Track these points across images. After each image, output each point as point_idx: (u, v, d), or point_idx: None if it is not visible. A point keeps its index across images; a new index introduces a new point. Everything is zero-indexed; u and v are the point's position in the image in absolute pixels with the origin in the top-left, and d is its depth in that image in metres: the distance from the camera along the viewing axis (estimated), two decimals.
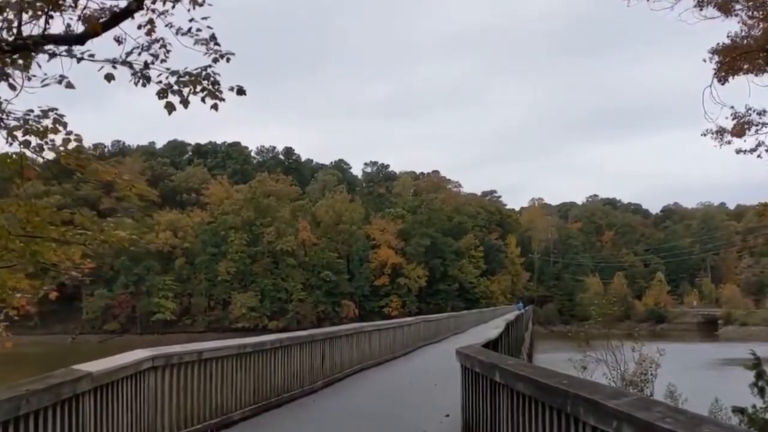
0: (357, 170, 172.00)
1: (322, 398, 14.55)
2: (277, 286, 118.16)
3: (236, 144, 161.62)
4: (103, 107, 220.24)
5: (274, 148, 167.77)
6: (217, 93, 7.57)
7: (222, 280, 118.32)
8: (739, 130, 17.60)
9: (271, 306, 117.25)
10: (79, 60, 6.96)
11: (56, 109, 7.40)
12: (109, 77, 7.21)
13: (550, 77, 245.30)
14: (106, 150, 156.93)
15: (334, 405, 13.82)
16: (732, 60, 16.06)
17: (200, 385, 10.13)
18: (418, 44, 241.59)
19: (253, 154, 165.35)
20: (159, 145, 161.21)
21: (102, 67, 7.11)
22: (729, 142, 17.97)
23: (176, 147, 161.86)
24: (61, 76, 6.95)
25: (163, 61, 7.55)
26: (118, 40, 7.49)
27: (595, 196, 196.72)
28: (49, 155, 7.43)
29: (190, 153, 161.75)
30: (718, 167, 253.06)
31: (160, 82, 7.40)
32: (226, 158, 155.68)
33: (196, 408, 9.98)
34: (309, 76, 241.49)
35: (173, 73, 7.34)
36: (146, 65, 7.28)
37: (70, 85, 6.95)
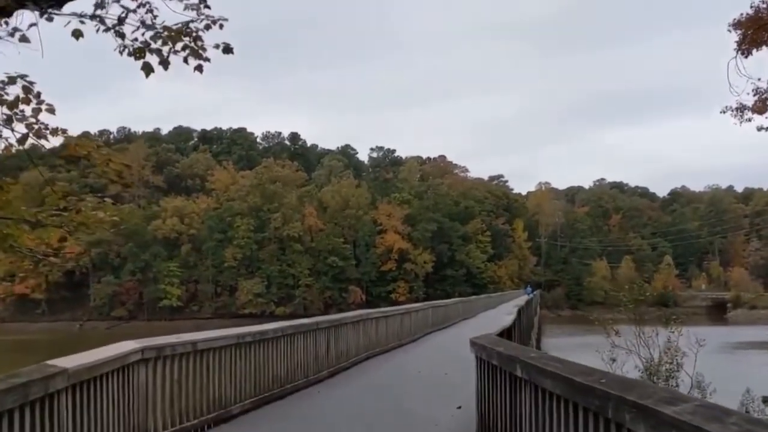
0: (363, 155, 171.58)
1: (327, 388, 13.91)
2: (284, 272, 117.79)
3: (242, 130, 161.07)
4: (109, 95, 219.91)
5: (280, 133, 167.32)
6: (200, 51, 6.83)
7: (228, 266, 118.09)
8: (761, 107, 16.88)
9: (278, 292, 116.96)
10: (45, 16, 6.23)
11: (26, 76, 6.69)
12: (77, 33, 6.49)
13: (557, 63, 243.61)
14: (111, 137, 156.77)
15: (340, 395, 13.18)
16: (755, 32, 15.29)
17: (196, 377, 9.48)
18: (425, 31, 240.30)
19: (258, 139, 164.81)
20: (164, 131, 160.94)
21: (69, 22, 6.39)
22: (749, 120, 17.26)
23: (181, 133, 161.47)
24: (14, 28, 6.24)
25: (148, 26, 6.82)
26: (101, 5, 6.79)
27: (602, 179, 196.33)
28: (20, 128, 6.71)
29: (196, 139, 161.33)
30: (726, 150, 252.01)
31: (136, 39, 6.68)
32: (232, 144, 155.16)
33: (191, 402, 9.34)
34: (314, 63, 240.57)
35: (149, 27, 6.60)
36: (120, 20, 6.55)
37: (24, 39, 6.24)
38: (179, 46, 6.73)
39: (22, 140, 6.33)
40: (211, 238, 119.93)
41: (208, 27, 7.02)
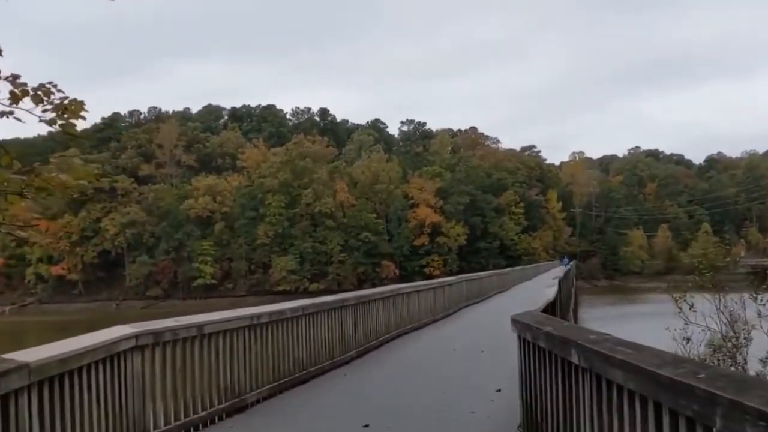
0: (393, 129, 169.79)
1: (355, 371, 12.86)
2: (317, 249, 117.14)
3: (271, 107, 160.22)
4: (139, 77, 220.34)
5: (309, 109, 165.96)
6: None
7: (261, 243, 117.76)
8: None
9: (311, 268, 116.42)
10: None
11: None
12: None
13: (588, 30, 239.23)
14: (142, 117, 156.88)
15: (368, 379, 12.15)
16: None
17: (203, 365, 8.49)
18: (455, 2, 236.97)
19: (288, 116, 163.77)
20: (194, 110, 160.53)
21: None
22: None
23: (211, 112, 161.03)
24: None
25: None
26: None
27: (637, 148, 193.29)
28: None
29: (226, 117, 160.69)
30: (763, 115, 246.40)
31: None
32: (262, 121, 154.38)
33: (198, 393, 8.35)
34: (343, 37, 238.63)
35: None
36: None
37: None
38: None
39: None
40: (243, 216, 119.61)
41: None
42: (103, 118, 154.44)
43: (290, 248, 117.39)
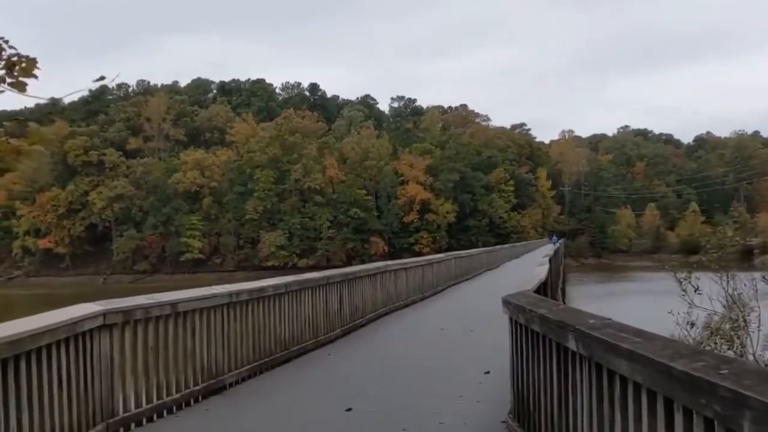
0: (384, 106, 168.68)
1: (339, 350, 12.45)
2: (306, 224, 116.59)
3: (261, 81, 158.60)
4: (129, 51, 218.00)
5: (299, 84, 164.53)
6: None
7: (250, 218, 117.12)
8: None
9: (300, 244, 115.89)
10: None
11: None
12: None
13: (580, 11, 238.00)
14: (130, 90, 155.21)
15: (352, 358, 11.75)
16: None
17: (178, 344, 8.06)
18: None
19: (277, 90, 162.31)
20: (183, 84, 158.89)
21: None
22: None
23: (200, 85, 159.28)
24: None
25: None
26: None
27: (626, 127, 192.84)
28: None
29: (215, 91, 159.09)
30: (752, 95, 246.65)
31: None
32: (251, 96, 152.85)
33: (173, 374, 7.93)
34: (334, 12, 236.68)
35: None
36: None
37: None
38: None
39: None
40: (232, 191, 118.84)
41: None
42: (90, 91, 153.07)
43: (279, 224, 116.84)
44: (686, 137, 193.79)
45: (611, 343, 3.55)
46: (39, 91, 4.79)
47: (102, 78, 4.55)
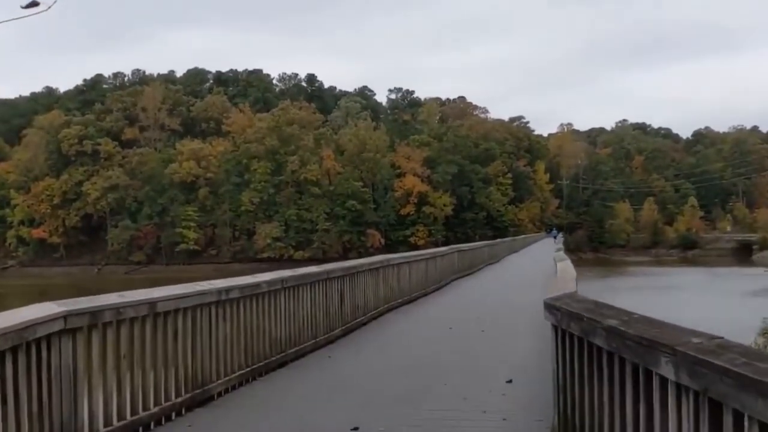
0: (381, 97, 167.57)
1: (340, 352, 11.30)
2: (302, 216, 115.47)
3: (258, 72, 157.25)
4: (125, 42, 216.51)
5: (297, 75, 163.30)
6: None
7: (246, 210, 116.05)
8: None
9: (296, 236, 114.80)
10: None
11: None
12: None
13: (578, 4, 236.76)
14: (126, 79, 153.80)
15: (355, 362, 10.60)
16: None
17: (157, 350, 6.92)
18: None
19: (275, 81, 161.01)
20: (179, 74, 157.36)
21: None
22: None
23: (196, 75, 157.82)
24: None
25: None
26: None
27: (625, 121, 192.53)
28: None
29: (211, 81, 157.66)
30: (750, 90, 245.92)
31: None
32: (248, 86, 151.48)
33: (149, 385, 6.80)
34: (332, 3, 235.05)
35: None
36: None
37: None
38: None
39: None
40: (228, 182, 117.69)
41: None
42: (85, 80, 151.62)
43: (275, 215, 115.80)
44: (685, 132, 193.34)
45: (753, 379, 2.46)
46: (35, 80, 3.73)
47: (35, 3, 3.48)
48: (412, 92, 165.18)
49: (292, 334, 10.27)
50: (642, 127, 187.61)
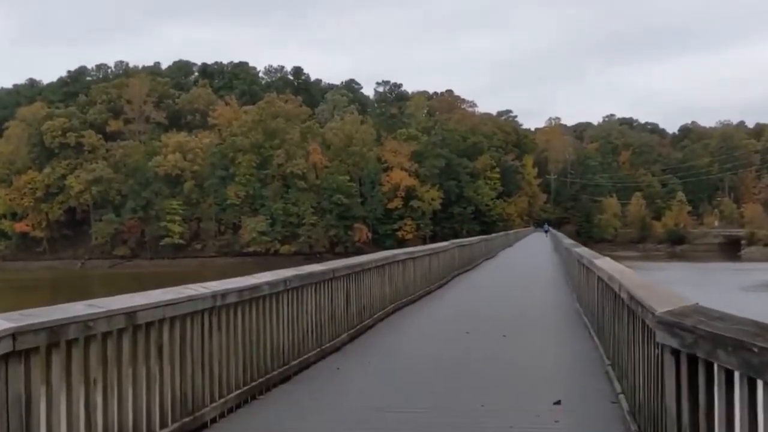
0: (368, 90, 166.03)
1: (349, 362, 9.78)
2: (288, 210, 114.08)
3: (244, 64, 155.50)
4: (110, 34, 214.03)
5: (283, 68, 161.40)
6: None
7: (231, 203, 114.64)
8: None
9: (282, 230, 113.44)
10: None
11: None
12: None
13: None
14: (110, 71, 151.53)
15: (367, 375, 9.07)
16: None
17: (137, 372, 5.51)
18: None
19: (261, 74, 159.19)
20: (164, 66, 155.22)
21: None
22: None
23: (182, 68, 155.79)
24: None
25: None
26: None
27: (612, 115, 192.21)
28: None
29: (196, 74, 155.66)
30: (737, 85, 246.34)
31: None
32: (233, 79, 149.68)
33: (126, 416, 5.40)
34: None
35: None
36: None
37: None
38: None
39: None
40: (213, 175, 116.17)
41: None
42: (68, 72, 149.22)
43: (261, 209, 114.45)
44: (671, 127, 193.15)
45: None
46: (19, 72, 2.39)
47: None
48: (400, 85, 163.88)
49: (296, 343, 8.85)
50: (629, 122, 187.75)
